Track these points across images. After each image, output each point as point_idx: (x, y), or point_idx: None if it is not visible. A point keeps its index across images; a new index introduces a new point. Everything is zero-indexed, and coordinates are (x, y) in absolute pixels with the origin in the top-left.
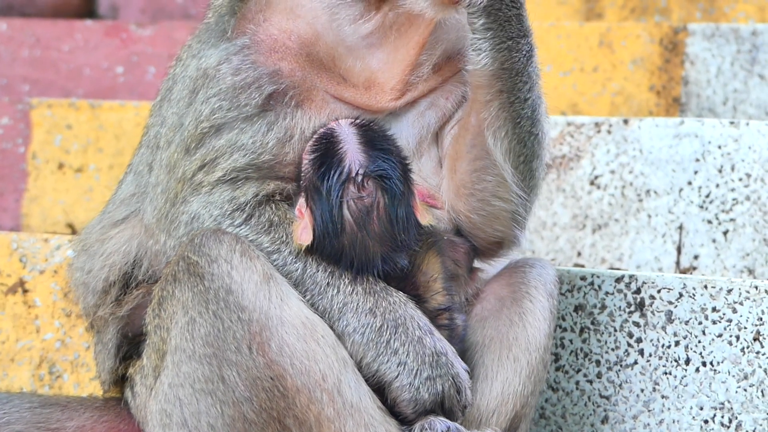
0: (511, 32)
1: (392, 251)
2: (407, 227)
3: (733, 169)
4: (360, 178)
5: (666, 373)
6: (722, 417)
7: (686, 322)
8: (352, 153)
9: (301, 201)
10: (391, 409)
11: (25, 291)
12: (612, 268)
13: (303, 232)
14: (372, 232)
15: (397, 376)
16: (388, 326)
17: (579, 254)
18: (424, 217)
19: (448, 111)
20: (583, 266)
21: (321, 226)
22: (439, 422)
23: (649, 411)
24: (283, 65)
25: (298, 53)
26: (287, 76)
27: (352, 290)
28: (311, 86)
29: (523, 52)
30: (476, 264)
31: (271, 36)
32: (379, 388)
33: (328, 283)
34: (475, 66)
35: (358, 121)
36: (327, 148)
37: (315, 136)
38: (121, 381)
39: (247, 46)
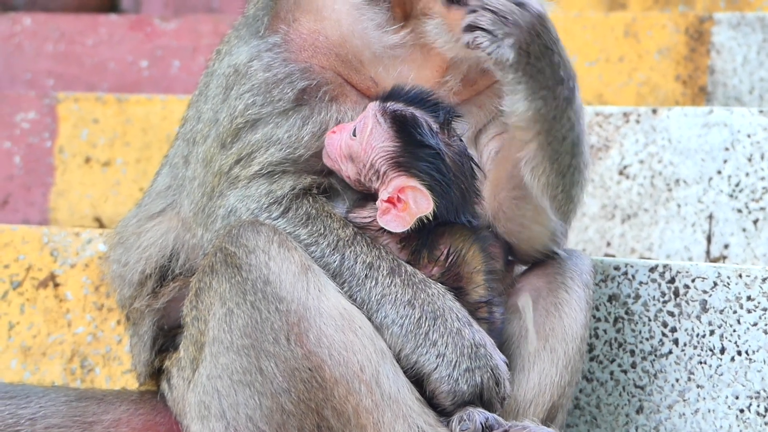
0: (544, 82)
1: (478, 188)
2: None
3: (762, 157)
4: (442, 126)
5: (701, 363)
6: (758, 406)
7: (721, 311)
8: (418, 114)
9: (398, 181)
10: (430, 401)
11: (56, 285)
12: (642, 258)
13: (419, 203)
14: (468, 170)
15: (435, 368)
16: (426, 318)
17: (608, 244)
18: None
19: (481, 120)
20: (613, 256)
21: (441, 181)
22: (478, 413)
23: (684, 400)
24: (314, 62)
25: (327, 53)
26: (318, 73)
27: (391, 282)
28: (343, 84)
29: (561, 99)
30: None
31: (300, 35)
32: (418, 380)
33: (366, 275)
34: (510, 109)
35: (386, 93)
36: (397, 120)
37: (370, 126)
38: (156, 374)
39: (278, 44)
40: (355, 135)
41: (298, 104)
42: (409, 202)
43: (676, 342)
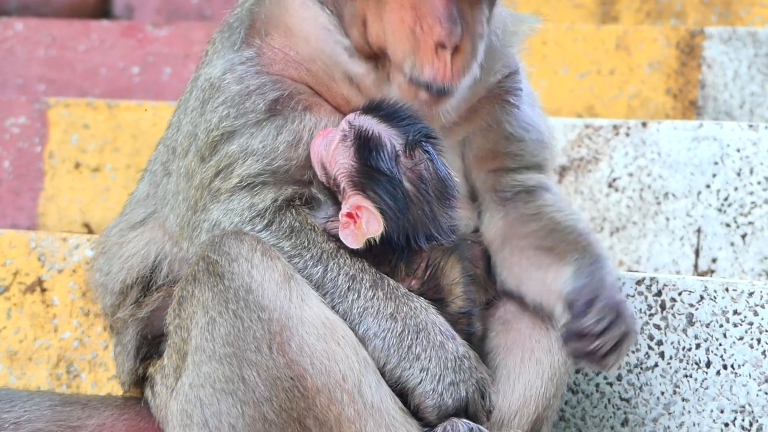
0: None
1: (450, 209)
2: (454, 178)
3: (751, 172)
4: (406, 149)
5: (687, 376)
6: (743, 420)
7: (707, 325)
8: (385, 131)
9: (354, 199)
10: (414, 414)
11: (43, 290)
12: (630, 271)
13: (369, 224)
14: (433, 195)
15: (420, 382)
16: (409, 331)
17: None
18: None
19: (477, 124)
20: None
21: (393, 207)
22: (462, 424)
23: (669, 414)
24: (286, 75)
25: (298, 67)
26: (290, 85)
27: (373, 295)
28: (316, 96)
29: None
30: None
31: (272, 48)
32: (402, 394)
33: (348, 287)
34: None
35: (363, 107)
36: (359, 139)
37: (337, 140)
38: (141, 381)
39: (251, 58)
40: (326, 145)
41: (271, 114)
42: (361, 222)
43: (662, 355)
